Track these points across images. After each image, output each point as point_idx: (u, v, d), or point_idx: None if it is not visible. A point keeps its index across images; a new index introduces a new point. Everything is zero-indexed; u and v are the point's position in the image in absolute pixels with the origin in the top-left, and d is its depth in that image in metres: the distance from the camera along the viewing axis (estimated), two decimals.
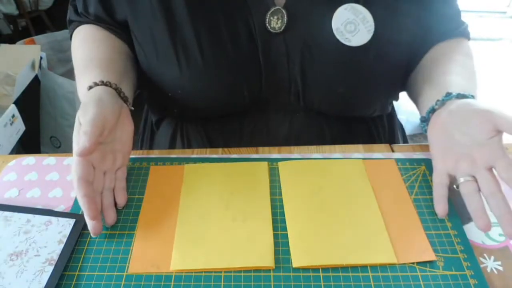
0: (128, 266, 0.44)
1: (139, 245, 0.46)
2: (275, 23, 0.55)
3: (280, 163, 0.55)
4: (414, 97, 0.64)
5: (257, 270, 0.44)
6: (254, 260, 0.44)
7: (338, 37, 0.55)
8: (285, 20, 0.55)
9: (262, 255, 0.44)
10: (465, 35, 0.66)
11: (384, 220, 0.48)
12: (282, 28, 0.56)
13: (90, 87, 0.52)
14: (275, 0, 0.56)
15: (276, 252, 0.45)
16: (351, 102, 0.62)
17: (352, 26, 0.54)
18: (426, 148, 0.58)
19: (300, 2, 0.56)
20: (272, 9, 0.55)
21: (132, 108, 0.55)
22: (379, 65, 0.58)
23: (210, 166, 0.55)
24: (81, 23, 0.65)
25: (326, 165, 0.55)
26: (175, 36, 0.56)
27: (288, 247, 0.46)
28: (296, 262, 0.44)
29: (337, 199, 0.50)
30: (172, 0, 0.55)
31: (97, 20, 0.63)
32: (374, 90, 0.62)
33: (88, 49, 0.61)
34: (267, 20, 0.55)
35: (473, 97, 0.51)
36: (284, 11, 0.55)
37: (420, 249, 0.45)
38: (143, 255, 0.45)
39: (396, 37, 0.58)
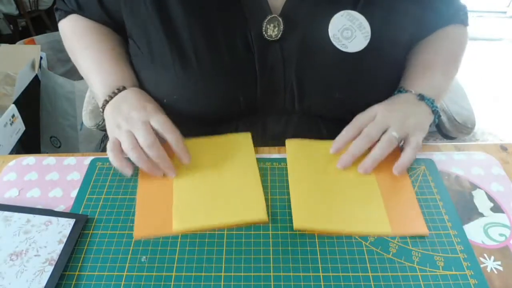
0: (127, 266, 0.44)
1: (141, 212, 0.49)
2: (272, 31, 0.56)
3: (287, 141, 0.58)
4: None
5: (257, 270, 0.44)
6: (249, 215, 0.48)
7: (335, 43, 0.55)
8: (282, 28, 0.55)
9: (255, 210, 0.49)
10: (461, 21, 0.68)
11: (382, 195, 0.51)
12: (279, 36, 0.56)
13: (123, 87, 0.58)
14: (272, 8, 0.56)
15: (276, 252, 0.45)
16: (347, 106, 0.62)
17: (349, 33, 0.54)
18: (426, 148, 0.58)
19: (296, 10, 0.56)
20: (269, 17, 0.55)
21: None
22: (376, 70, 0.59)
23: (194, 142, 0.57)
24: (67, 12, 0.68)
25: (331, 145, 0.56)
26: (172, 41, 0.56)
27: (288, 247, 0.46)
28: (297, 223, 0.47)
29: (340, 173, 0.53)
30: (169, 6, 0.55)
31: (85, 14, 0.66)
32: (371, 94, 0.61)
33: (95, 40, 0.63)
34: (263, 28, 0.56)
35: (408, 91, 0.58)
36: (280, 19, 0.55)
37: (414, 223, 0.48)
38: (145, 221, 0.48)
39: (394, 40, 0.58)
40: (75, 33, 0.66)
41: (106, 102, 0.58)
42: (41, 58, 1.55)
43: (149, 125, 0.53)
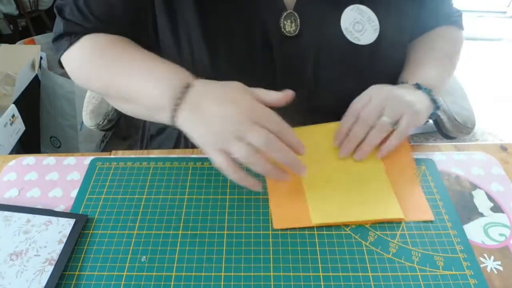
0: (127, 266, 0.44)
1: (276, 203, 0.50)
2: (290, 26, 0.56)
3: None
4: None
5: (257, 270, 0.44)
6: (385, 213, 0.49)
7: (348, 36, 0.56)
8: (299, 22, 0.56)
9: (391, 209, 0.49)
10: (453, 23, 0.68)
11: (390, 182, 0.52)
12: (297, 31, 0.56)
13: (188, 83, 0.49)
14: (286, 4, 0.56)
15: (276, 252, 0.45)
16: None
17: (360, 26, 0.56)
18: (426, 148, 0.58)
19: (308, 5, 0.56)
20: (285, 13, 0.56)
21: None
22: (386, 64, 0.60)
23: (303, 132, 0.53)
24: (78, 34, 0.58)
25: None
26: (186, 42, 0.55)
27: (288, 247, 0.46)
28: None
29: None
30: (182, 8, 0.54)
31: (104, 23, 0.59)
32: None
33: (130, 48, 0.56)
34: (281, 24, 0.56)
35: (404, 82, 0.59)
36: (296, 15, 0.56)
37: (421, 210, 0.50)
38: (283, 212, 0.49)
39: (398, 37, 0.59)
40: (96, 52, 0.57)
41: (175, 110, 0.48)
42: (41, 58, 1.55)
43: (256, 123, 0.45)
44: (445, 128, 0.76)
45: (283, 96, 0.49)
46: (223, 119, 0.45)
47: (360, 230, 0.48)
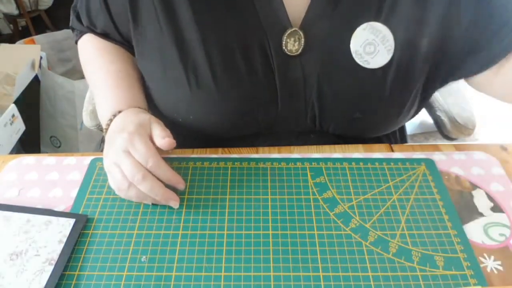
0: (127, 266, 0.44)
1: None
2: (292, 45, 0.53)
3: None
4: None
5: (257, 270, 0.44)
6: None
7: (357, 60, 0.52)
8: (303, 42, 0.53)
9: None
10: None
11: None
12: (300, 50, 0.53)
13: (119, 111, 0.55)
14: (292, 20, 0.53)
15: (276, 252, 0.45)
16: (367, 126, 0.59)
17: (372, 47, 0.52)
18: (426, 148, 0.58)
19: (317, 23, 0.53)
20: (289, 31, 0.52)
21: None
22: (398, 87, 0.55)
23: None
24: (83, 32, 0.66)
25: None
26: (186, 59, 0.53)
27: (288, 247, 0.46)
28: None
29: None
30: (182, 22, 0.53)
31: (104, 35, 0.63)
32: (391, 114, 0.58)
33: (104, 63, 0.61)
34: (283, 42, 0.53)
35: None
36: (301, 33, 0.52)
37: None
38: None
39: (418, 53, 0.54)
40: (85, 56, 0.65)
41: (106, 131, 0.55)
42: (41, 58, 1.55)
43: (130, 154, 0.48)
44: (446, 129, 0.76)
45: (163, 143, 0.49)
46: (112, 145, 0.50)
47: (360, 230, 0.48)
